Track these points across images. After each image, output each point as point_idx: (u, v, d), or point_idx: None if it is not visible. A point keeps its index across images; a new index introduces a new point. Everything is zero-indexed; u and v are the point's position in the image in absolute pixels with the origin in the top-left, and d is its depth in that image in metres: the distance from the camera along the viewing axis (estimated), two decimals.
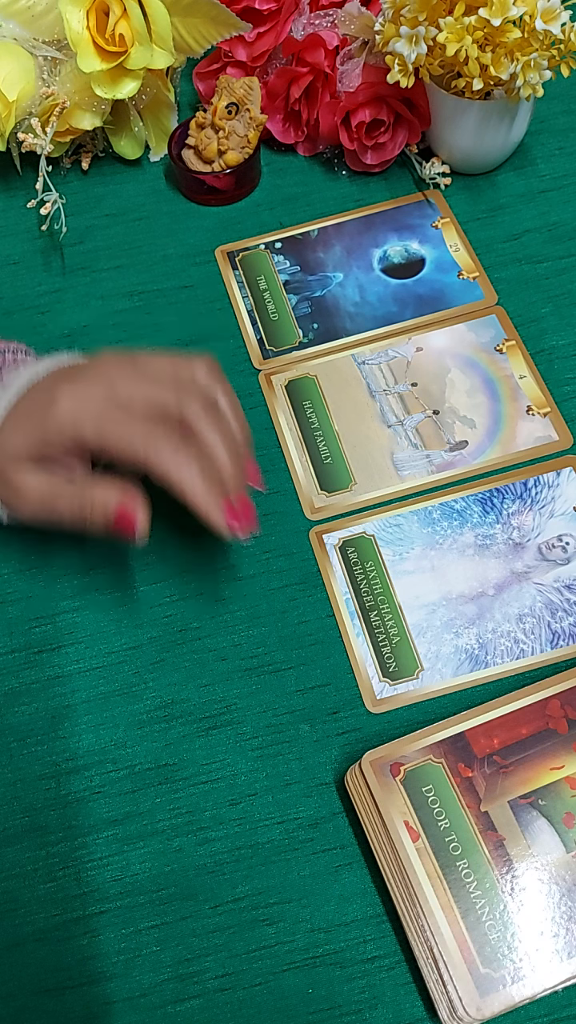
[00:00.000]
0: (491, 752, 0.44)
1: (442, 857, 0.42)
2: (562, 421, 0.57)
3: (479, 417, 0.57)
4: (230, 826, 0.46)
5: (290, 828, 0.46)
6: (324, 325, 0.62)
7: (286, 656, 0.50)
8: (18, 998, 0.43)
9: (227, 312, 0.63)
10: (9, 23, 0.63)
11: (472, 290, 0.62)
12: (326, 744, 0.48)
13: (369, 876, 0.44)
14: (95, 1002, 0.43)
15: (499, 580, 0.51)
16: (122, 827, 0.46)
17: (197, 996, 0.42)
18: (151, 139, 0.70)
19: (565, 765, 0.44)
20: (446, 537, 0.53)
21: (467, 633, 0.50)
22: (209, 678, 0.50)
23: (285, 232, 0.66)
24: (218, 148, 0.65)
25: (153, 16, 0.60)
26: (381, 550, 0.53)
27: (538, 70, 0.57)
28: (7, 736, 0.49)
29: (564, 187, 0.67)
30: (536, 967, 0.40)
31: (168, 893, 0.45)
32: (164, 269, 0.65)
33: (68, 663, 0.50)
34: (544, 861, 0.42)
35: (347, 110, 0.64)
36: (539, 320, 0.61)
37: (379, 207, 0.67)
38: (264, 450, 0.57)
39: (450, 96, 0.62)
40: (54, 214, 0.65)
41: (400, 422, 0.57)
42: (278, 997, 0.42)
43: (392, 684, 0.49)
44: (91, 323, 0.63)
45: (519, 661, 0.49)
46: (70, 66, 0.63)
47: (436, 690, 0.49)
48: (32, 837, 0.46)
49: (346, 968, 0.43)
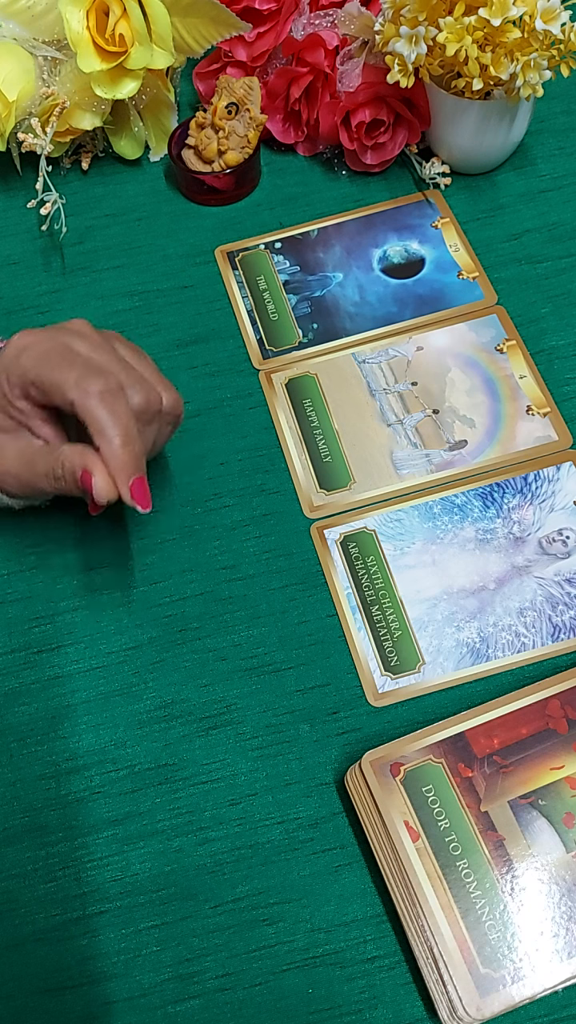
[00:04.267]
0: (491, 752, 0.44)
1: (442, 857, 0.42)
2: (562, 421, 0.57)
3: (479, 416, 0.57)
4: (230, 826, 0.46)
5: (290, 828, 0.46)
6: (324, 325, 0.62)
7: (286, 656, 0.50)
8: (18, 998, 0.43)
9: (227, 312, 0.63)
10: (9, 23, 0.63)
11: (472, 290, 0.62)
12: (326, 744, 0.48)
13: (369, 876, 0.44)
14: (95, 1002, 0.43)
15: (500, 574, 0.52)
16: (122, 827, 0.46)
17: (197, 996, 0.42)
18: (151, 139, 0.70)
19: (565, 765, 0.44)
20: (447, 532, 0.53)
21: (468, 627, 0.50)
22: (209, 678, 0.50)
23: (285, 232, 0.66)
24: (218, 148, 0.65)
25: (153, 16, 0.60)
26: (382, 545, 0.53)
27: (538, 70, 0.57)
28: (7, 736, 0.49)
29: (564, 187, 0.67)
30: (536, 967, 0.40)
31: (168, 893, 0.45)
32: (164, 269, 0.65)
33: (68, 663, 0.50)
34: (544, 861, 0.42)
35: (347, 110, 0.64)
36: (539, 320, 0.61)
37: (379, 207, 0.67)
38: (264, 449, 0.57)
39: (450, 96, 0.62)
40: (54, 214, 0.65)
41: (400, 421, 0.57)
42: (278, 997, 0.42)
43: (394, 678, 0.49)
44: (91, 323, 0.63)
45: (520, 655, 0.49)
46: (70, 66, 0.63)
47: (438, 684, 0.49)
48: (32, 837, 0.46)
49: (346, 968, 0.43)
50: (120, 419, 0.44)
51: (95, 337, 0.48)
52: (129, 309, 0.63)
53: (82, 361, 0.45)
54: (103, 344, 0.47)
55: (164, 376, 0.50)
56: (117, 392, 0.44)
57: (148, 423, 0.47)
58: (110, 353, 0.47)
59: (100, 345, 0.47)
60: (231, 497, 0.55)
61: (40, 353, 0.45)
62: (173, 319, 0.63)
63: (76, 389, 0.43)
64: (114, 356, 0.47)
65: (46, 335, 0.47)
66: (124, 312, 0.63)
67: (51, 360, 0.45)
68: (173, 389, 0.50)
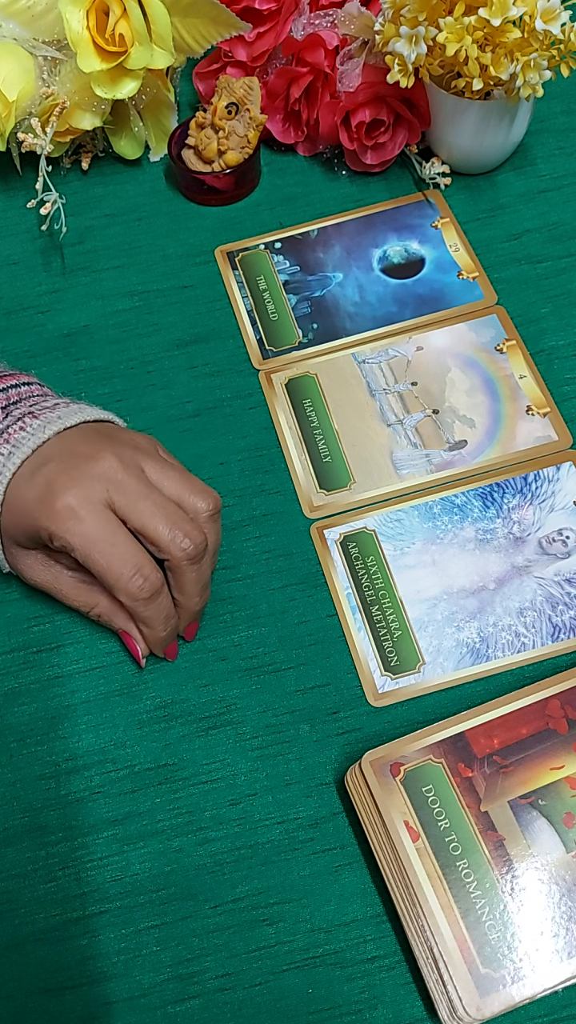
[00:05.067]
0: (491, 752, 0.44)
1: (442, 857, 0.42)
2: (562, 421, 0.57)
3: (479, 417, 0.57)
4: (230, 826, 0.46)
5: (290, 828, 0.46)
6: (324, 325, 0.62)
7: (286, 656, 0.50)
8: (18, 998, 0.43)
9: (227, 312, 0.63)
10: (9, 23, 0.63)
11: (472, 290, 0.62)
12: (326, 744, 0.48)
13: (369, 876, 0.44)
14: (95, 1002, 0.42)
15: (500, 574, 0.52)
16: (122, 827, 0.46)
17: (197, 996, 0.42)
18: (151, 139, 0.70)
19: (565, 765, 0.44)
20: (447, 532, 0.53)
21: (468, 627, 0.50)
22: (209, 678, 0.50)
23: (285, 232, 0.66)
24: (218, 148, 0.65)
25: (153, 16, 0.60)
26: (382, 545, 0.53)
27: (538, 70, 0.57)
28: (7, 736, 0.49)
29: (564, 187, 0.67)
30: (536, 967, 0.40)
31: (168, 893, 0.45)
32: (164, 269, 0.65)
33: (67, 663, 0.50)
34: (544, 861, 0.42)
35: (347, 110, 0.64)
36: (539, 320, 0.61)
37: (379, 207, 0.67)
38: (264, 450, 0.57)
39: (450, 96, 0.62)
40: (54, 214, 0.65)
41: (400, 421, 0.57)
42: (278, 997, 0.42)
43: (394, 678, 0.49)
44: (91, 323, 0.63)
45: (520, 655, 0.49)
46: (70, 66, 0.63)
47: (437, 684, 0.49)
48: (32, 837, 0.46)
49: (346, 968, 0.43)
50: (160, 612, 0.47)
51: (132, 484, 0.45)
52: (129, 309, 0.63)
53: (131, 554, 0.44)
54: (142, 492, 0.45)
55: (198, 480, 0.48)
56: (158, 588, 0.46)
57: (199, 561, 0.47)
58: (151, 503, 0.45)
59: (139, 495, 0.45)
60: (231, 497, 0.55)
61: (88, 538, 0.44)
62: (173, 319, 0.63)
63: (124, 593, 0.45)
64: (155, 502, 0.45)
65: (91, 508, 0.44)
66: (124, 312, 0.63)
67: (99, 548, 0.44)
68: (209, 492, 0.48)
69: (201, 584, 0.48)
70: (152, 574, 0.45)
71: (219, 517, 0.49)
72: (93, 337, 0.62)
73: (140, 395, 0.59)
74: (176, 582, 0.47)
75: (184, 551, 0.45)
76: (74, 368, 0.61)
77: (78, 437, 0.47)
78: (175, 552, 0.45)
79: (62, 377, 0.60)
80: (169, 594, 0.47)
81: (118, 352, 0.61)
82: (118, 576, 0.44)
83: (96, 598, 0.49)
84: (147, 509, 0.45)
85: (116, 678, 0.50)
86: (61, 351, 0.62)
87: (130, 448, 0.47)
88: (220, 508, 0.48)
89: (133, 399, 0.59)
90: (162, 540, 0.45)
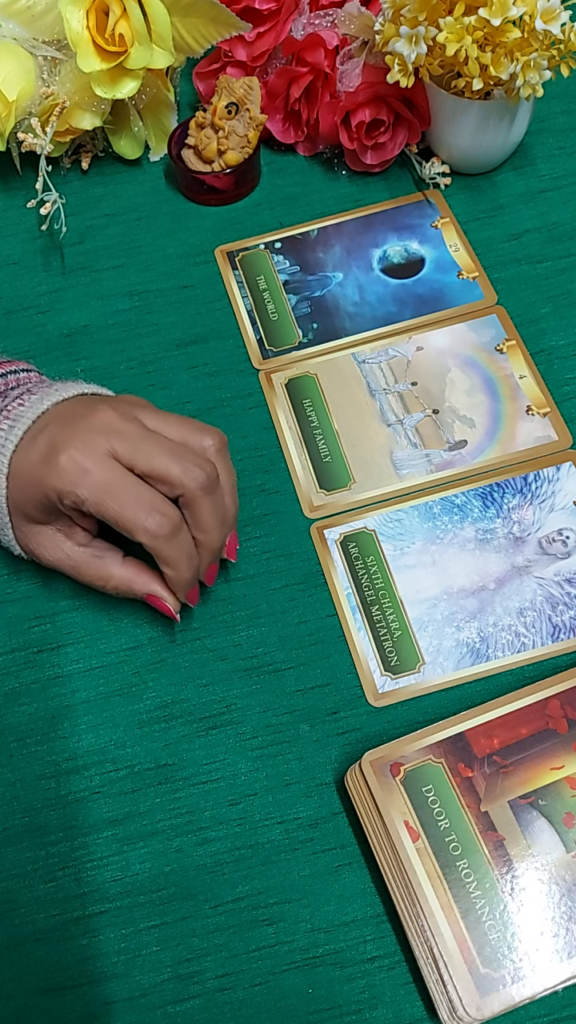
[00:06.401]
0: (491, 752, 0.44)
1: (442, 857, 0.42)
2: (562, 421, 0.57)
3: (479, 416, 0.57)
4: (230, 826, 0.46)
5: (290, 828, 0.46)
6: (324, 325, 0.62)
7: (286, 656, 0.50)
8: (18, 998, 0.43)
9: (227, 312, 0.63)
10: (9, 23, 0.63)
11: (472, 290, 0.62)
12: (326, 744, 0.48)
13: (369, 876, 0.44)
14: (95, 1002, 0.43)
15: (500, 574, 0.52)
16: (122, 827, 0.46)
17: (197, 996, 0.42)
18: (151, 139, 0.70)
19: (565, 765, 0.44)
20: (447, 532, 0.53)
21: (468, 627, 0.50)
22: (209, 678, 0.50)
23: (285, 232, 0.66)
24: (218, 148, 0.65)
25: (153, 16, 0.60)
26: (382, 545, 0.53)
27: (538, 70, 0.57)
28: (7, 736, 0.49)
29: (564, 187, 0.67)
30: (536, 967, 0.40)
31: (168, 893, 0.45)
32: (164, 269, 0.65)
33: (68, 663, 0.50)
34: (544, 861, 0.42)
35: (347, 110, 0.64)
36: (539, 320, 0.61)
37: (379, 207, 0.67)
38: (264, 449, 0.57)
39: (450, 96, 0.62)
40: (54, 214, 0.65)
41: (400, 421, 0.57)
42: (278, 997, 0.42)
43: (394, 678, 0.49)
44: (91, 323, 0.63)
45: (520, 655, 0.49)
46: (70, 66, 0.63)
47: (437, 684, 0.49)
48: (32, 837, 0.46)
49: (346, 968, 0.43)
50: (183, 549, 0.46)
51: (132, 429, 0.45)
52: (129, 309, 0.63)
53: (144, 495, 0.44)
54: (142, 434, 0.45)
55: (199, 421, 0.48)
56: (178, 523, 0.45)
57: (212, 492, 0.46)
58: (154, 443, 0.45)
59: (141, 437, 0.45)
60: None
61: (98, 487, 0.44)
62: (173, 319, 0.63)
63: (144, 533, 0.44)
64: (159, 445, 0.45)
65: (96, 458, 0.44)
66: (124, 312, 0.63)
67: (111, 494, 0.44)
68: (212, 429, 0.48)
69: (219, 518, 0.47)
70: (169, 510, 0.44)
71: (227, 452, 0.48)
72: (93, 337, 0.62)
73: (140, 395, 0.59)
74: (193, 519, 0.46)
75: (197, 480, 0.45)
76: (74, 368, 0.61)
77: (74, 403, 0.48)
78: (188, 483, 0.45)
79: (62, 377, 0.60)
80: (188, 531, 0.46)
81: (118, 352, 0.61)
82: (134, 517, 0.44)
83: (109, 570, 0.48)
84: (151, 449, 0.45)
85: (116, 678, 0.50)
86: (61, 351, 0.62)
87: (126, 403, 0.47)
88: (226, 443, 0.48)
89: None
90: (172, 475, 0.44)
